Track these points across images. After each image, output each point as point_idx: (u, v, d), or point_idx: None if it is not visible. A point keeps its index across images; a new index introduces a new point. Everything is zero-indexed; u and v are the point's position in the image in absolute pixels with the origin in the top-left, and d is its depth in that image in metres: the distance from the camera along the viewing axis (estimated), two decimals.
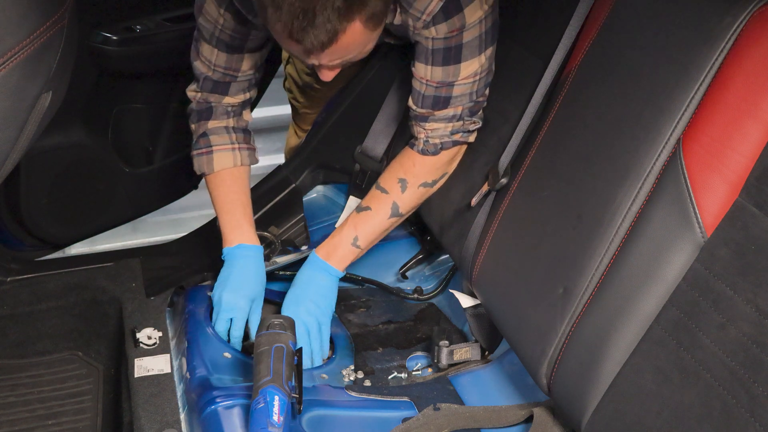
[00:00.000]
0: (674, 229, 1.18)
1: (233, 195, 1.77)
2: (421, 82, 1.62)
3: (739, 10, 1.18)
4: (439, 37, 1.54)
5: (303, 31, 1.29)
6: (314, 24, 1.28)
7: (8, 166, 1.39)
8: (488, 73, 1.64)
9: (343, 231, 1.75)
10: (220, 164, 1.77)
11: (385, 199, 1.75)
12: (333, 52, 1.36)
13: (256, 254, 1.75)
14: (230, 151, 1.77)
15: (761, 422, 1.01)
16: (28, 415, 1.68)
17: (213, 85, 1.74)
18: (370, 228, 1.75)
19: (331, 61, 1.41)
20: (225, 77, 1.73)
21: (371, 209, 1.75)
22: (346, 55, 1.41)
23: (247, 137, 1.82)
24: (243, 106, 1.80)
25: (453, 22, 1.51)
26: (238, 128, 1.80)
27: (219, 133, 1.78)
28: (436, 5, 1.49)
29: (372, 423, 1.52)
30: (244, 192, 1.79)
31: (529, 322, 1.43)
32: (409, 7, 1.51)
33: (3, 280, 1.92)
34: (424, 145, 1.71)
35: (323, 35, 1.30)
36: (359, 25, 1.33)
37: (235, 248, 1.74)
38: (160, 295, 1.86)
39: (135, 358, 1.66)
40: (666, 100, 1.25)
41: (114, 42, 2.07)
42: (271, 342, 1.39)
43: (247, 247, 1.74)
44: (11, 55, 1.19)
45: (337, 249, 1.74)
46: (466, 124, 1.69)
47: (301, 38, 1.31)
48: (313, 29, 1.29)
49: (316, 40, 1.31)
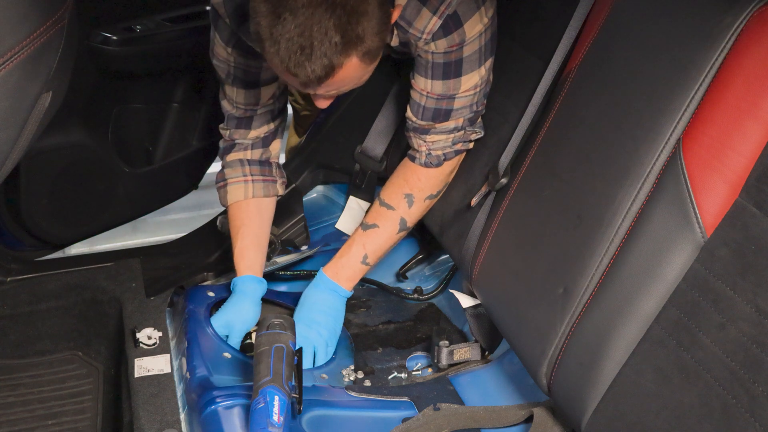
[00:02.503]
0: (674, 229, 1.18)
1: (234, 231, 1.79)
2: (421, 94, 1.62)
3: (739, 10, 1.18)
4: (439, 51, 1.54)
5: (300, 66, 1.30)
6: (311, 59, 1.29)
7: (8, 166, 1.39)
8: (487, 83, 1.65)
9: (352, 250, 1.74)
10: (232, 197, 1.80)
11: (393, 215, 1.74)
12: (329, 85, 1.37)
13: (242, 288, 1.73)
14: (242, 184, 1.79)
15: (761, 422, 1.01)
16: (28, 415, 1.68)
17: (237, 122, 1.78)
18: (378, 245, 1.75)
19: (327, 92, 1.42)
20: (246, 113, 1.76)
21: (379, 227, 1.74)
22: (342, 87, 1.41)
23: (265, 169, 1.82)
24: (268, 138, 1.81)
25: (453, 38, 1.52)
26: (255, 161, 1.81)
27: (233, 167, 1.80)
28: (435, 24, 1.50)
29: (372, 423, 1.52)
30: (249, 226, 1.79)
31: (529, 322, 1.43)
32: (409, 27, 1.51)
33: (3, 280, 1.92)
34: (426, 158, 1.70)
35: (320, 70, 1.31)
36: (356, 60, 1.34)
37: (232, 283, 1.76)
38: (160, 295, 1.86)
39: (135, 358, 1.66)
40: (666, 100, 1.25)
41: (114, 42, 2.07)
42: (271, 342, 1.39)
43: (235, 282, 1.75)
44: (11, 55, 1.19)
45: (345, 269, 1.74)
46: (467, 134, 1.69)
47: (297, 72, 1.32)
48: (310, 64, 1.30)
49: (313, 75, 1.31)
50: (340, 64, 1.31)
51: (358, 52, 1.32)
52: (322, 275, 1.75)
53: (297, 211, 2.10)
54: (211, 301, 1.80)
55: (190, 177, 2.43)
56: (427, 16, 1.49)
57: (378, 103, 2.04)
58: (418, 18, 1.49)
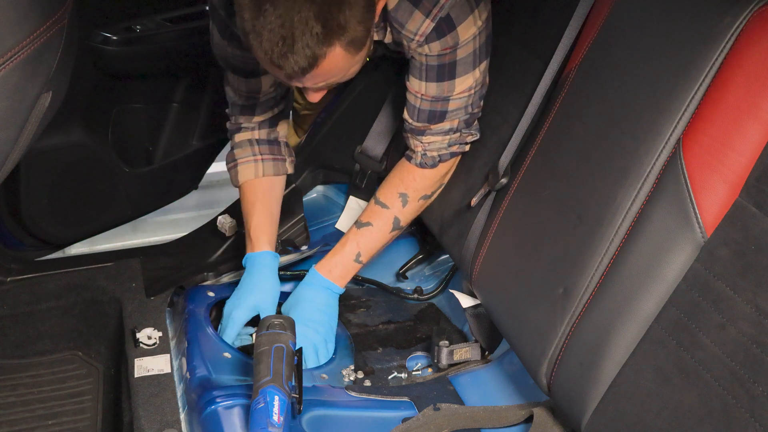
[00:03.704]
0: (674, 229, 1.18)
1: (249, 206, 1.79)
2: (415, 96, 1.62)
3: (739, 10, 1.18)
4: (433, 54, 1.54)
5: (283, 57, 1.30)
6: (293, 50, 1.28)
7: (8, 166, 1.39)
8: (483, 85, 1.64)
9: (345, 248, 1.75)
10: (243, 176, 1.80)
11: (387, 214, 1.75)
12: (315, 77, 1.36)
13: (262, 262, 1.75)
14: (252, 163, 1.80)
15: (761, 422, 1.01)
16: (28, 415, 1.68)
17: (240, 108, 1.79)
18: (371, 244, 1.76)
19: (314, 84, 1.42)
20: (249, 100, 1.77)
21: (372, 225, 1.75)
22: (329, 79, 1.41)
23: (274, 148, 1.83)
24: (274, 120, 1.82)
25: (446, 41, 1.51)
26: (264, 140, 1.82)
27: (243, 147, 1.81)
28: (428, 26, 1.49)
29: (372, 423, 1.52)
30: (263, 203, 1.80)
31: (529, 322, 1.43)
32: (402, 29, 1.51)
33: (3, 280, 1.91)
34: (422, 159, 1.71)
35: (303, 61, 1.30)
36: (340, 50, 1.33)
37: (245, 259, 1.77)
38: (160, 295, 1.86)
39: (135, 358, 1.66)
40: (666, 100, 1.25)
41: (114, 42, 2.07)
42: (271, 342, 1.39)
43: (252, 256, 1.75)
44: (11, 55, 1.19)
45: (338, 267, 1.74)
46: (463, 136, 1.69)
47: (281, 64, 1.31)
48: (292, 55, 1.29)
49: (297, 66, 1.31)
50: (323, 54, 1.30)
51: (341, 42, 1.31)
52: (315, 273, 1.75)
53: (297, 211, 2.10)
54: (211, 301, 1.80)
55: (190, 177, 2.43)
56: (419, 19, 1.49)
57: (378, 104, 2.04)
58: (411, 20, 1.49)
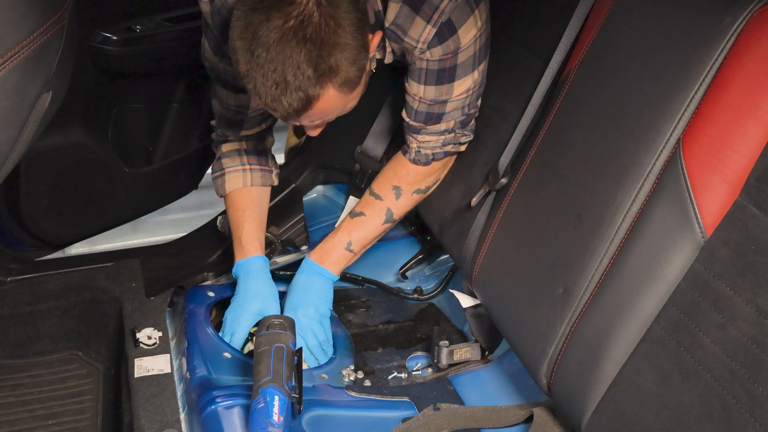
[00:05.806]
0: (674, 229, 1.18)
1: (239, 214, 1.80)
2: (414, 98, 1.63)
3: (739, 10, 1.18)
4: (434, 59, 1.55)
5: (277, 101, 1.32)
6: (287, 93, 1.31)
7: (8, 166, 1.39)
8: (480, 86, 1.65)
9: (337, 236, 1.76)
10: (231, 186, 1.81)
11: (380, 205, 1.76)
12: (310, 116, 1.38)
13: (257, 267, 1.75)
14: (240, 173, 1.80)
15: (761, 422, 1.01)
16: (28, 415, 1.68)
17: (228, 122, 1.79)
18: (363, 233, 1.77)
19: (311, 122, 1.43)
20: (237, 115, 1.77)
21: (365, 215, 1.77)
22: (325, 117, 1.42)
23: (262, 159, 1.83)
24: (260, 134, 1.82)
25: (448, 45, 1.52)
26: (252, 150, 1.82)
27: (231, 156, 1.82)
28: (429, 33, 1.50)
29: (372, 423, 1.52)
30: (253, 210, 1.80)
31: (529, 322, 1.43)
32: (405, 36, 1.51)
33: (3, 280, 1.92)
34: (415, 155, 1.72)
35: (297, 103, 1.32)
36: (333, 91, 1.34)
37: (236, 267, 1.77)
38: (160, 295, 1.86)
39: (135, 358, 1.66)
40: (666, 100, 1.25)
41: (114, 42, 2.07)
42: (271, 342, 1.39)
43: (247, 262, 1.75)
44: (11, 55, 1.19)
45: (330, 253, 1.75)
46: (458, 136, 1.70)
47: (275, 107, 1.34)
48: (285, 98, 1.31)
49: (291, 108, 1.33)
50: (316, 95, 1.33)
51: (333, 83, 1.33)
52: (307, 260, 1.77)
53: (297, 211, 2.11)
54: (211, 301, 1.80)
55: (190, 177, 2.43)
56: (421, 25, 1.49)
57: (378, 104, 2.04)
58: (413, 27, 1.50)
